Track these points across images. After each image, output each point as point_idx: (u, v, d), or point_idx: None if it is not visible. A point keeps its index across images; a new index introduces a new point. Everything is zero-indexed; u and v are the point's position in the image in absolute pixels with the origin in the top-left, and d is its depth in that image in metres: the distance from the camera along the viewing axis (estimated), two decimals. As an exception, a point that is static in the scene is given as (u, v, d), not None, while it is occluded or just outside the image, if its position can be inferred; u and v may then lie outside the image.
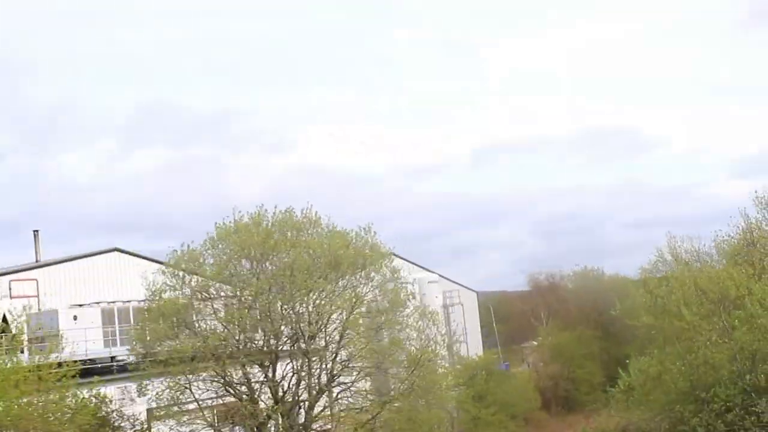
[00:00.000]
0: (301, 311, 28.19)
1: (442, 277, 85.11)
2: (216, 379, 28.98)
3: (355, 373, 30.33)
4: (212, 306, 28.74)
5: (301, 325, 28.23)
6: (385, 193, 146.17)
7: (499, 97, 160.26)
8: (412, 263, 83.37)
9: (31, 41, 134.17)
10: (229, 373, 28.87)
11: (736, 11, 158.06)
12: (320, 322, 28.44)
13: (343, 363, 30.05)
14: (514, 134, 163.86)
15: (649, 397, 27.99)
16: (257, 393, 29.23)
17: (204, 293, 28.66)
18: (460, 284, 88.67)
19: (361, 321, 30.41)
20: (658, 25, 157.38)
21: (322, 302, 28.38)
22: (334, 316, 28.84)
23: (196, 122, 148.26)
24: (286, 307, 27.95)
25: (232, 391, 29.31)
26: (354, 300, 28.93)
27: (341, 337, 29.49)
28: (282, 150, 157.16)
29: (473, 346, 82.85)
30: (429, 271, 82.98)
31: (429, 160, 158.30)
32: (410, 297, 31.79)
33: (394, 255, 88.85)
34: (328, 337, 29.28)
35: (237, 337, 28.34)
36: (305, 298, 27.86)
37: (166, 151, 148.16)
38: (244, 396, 29.25)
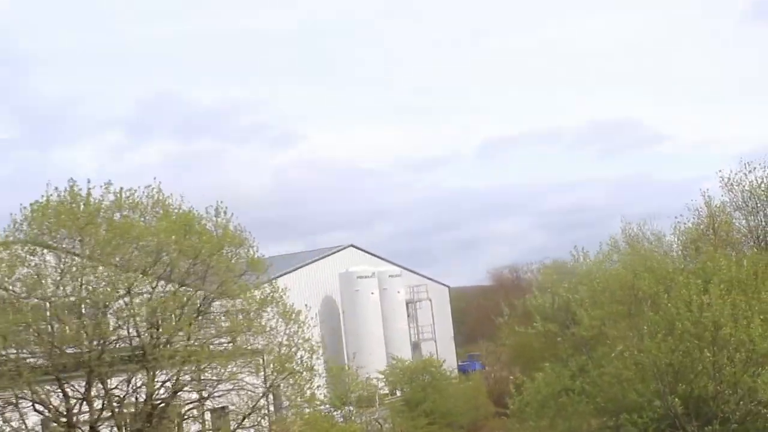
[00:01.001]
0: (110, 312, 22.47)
1: (409, 270, 79.76)
2: (24, 397, 23.31)
3: (205, 390, 24.72)
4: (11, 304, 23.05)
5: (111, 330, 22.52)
6: (390, 187, 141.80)
7: (506, 90, 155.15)
8: (376, 256, 77.99)
9: (38, 35, 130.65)
10: (37, 390, 23.16)
11: (738, 10, 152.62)
12: (136, 326, 22.74)
13: (191, 375, 24.46)
14: (521, 127, 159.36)
15: (542, 423, 22.01)
16: (76, 414, 23.55)
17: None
18: (430, 278, 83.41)
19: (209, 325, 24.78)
20: (662, 21, 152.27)
21: (143, 301, 22.67)
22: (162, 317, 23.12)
23: (202, 115, 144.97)
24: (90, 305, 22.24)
25: (49, 414, 23.63)
26: (187, 298, 23.22)
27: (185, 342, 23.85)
28: (287, 143, 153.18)
29: (443, 345, 77.30)
30: (393, 264, 77.57)
31: (435, 154, 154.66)
32: (277, 295, 25.84)
33: (354, 247, 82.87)
34: (159, 344, 23.54)
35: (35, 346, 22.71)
36: (115, 296, 22.12)
37: (171, 144, 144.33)
38: (61, 419, 23.58)
